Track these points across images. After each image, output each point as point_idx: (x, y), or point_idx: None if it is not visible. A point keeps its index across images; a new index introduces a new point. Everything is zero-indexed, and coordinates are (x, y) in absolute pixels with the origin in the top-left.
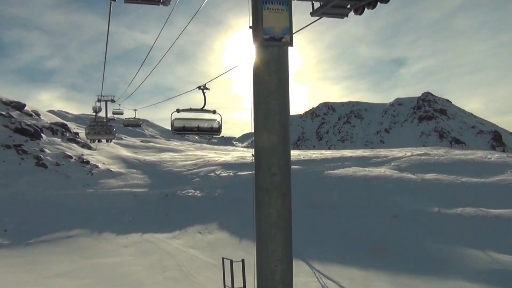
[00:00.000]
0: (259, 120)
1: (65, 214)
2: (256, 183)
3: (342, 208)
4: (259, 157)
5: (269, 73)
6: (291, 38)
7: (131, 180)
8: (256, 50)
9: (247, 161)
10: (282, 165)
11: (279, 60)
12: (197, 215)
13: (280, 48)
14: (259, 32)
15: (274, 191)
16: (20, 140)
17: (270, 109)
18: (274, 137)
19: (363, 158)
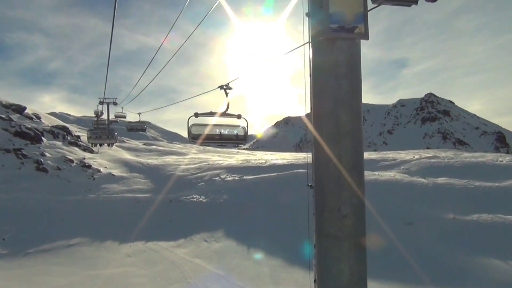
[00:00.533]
0: (322, 141)
1: (66, 221)
2: (317, 228)
3: None
4: (321, 192)
5: (337, 77)
6: (366, 28)
7: (134, 184)
8: (316, 45)
9: (253, 164)
10: (355, 203)
11: (351, 58)
12: (202, 222)
13: (352, 42)
14: (322, 20)
15: (345, 240)
16: (20, 144)
17: (340, 127)
18: (345, 165)
19: (370, 161)
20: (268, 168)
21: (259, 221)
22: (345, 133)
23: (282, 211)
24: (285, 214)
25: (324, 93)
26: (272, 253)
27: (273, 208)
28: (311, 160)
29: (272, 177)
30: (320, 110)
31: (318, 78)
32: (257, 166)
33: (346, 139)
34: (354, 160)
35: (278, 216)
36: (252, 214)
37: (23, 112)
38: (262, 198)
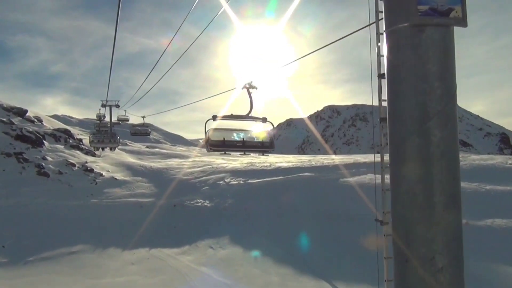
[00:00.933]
0: (404, 163)
1: (67, 227)
2: (399, 284)
3: (361, 220)
4: (404, 234)
5: (426, 77)
6: (464, 12)
7: (137, 189)
8: (394, 35)
9: (257, 167)
10: (454, 251)
11: (445, 52)
12: (207, 227)
13: (446, 30)
14: (409, 2)
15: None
16: (21, 147)
17: (432, 145)
18: (440, 197)
19: (377, 163)
20: (273, 171)
21: (266, 226)
22: (440, 153)
23: (289, 216)
24: (292, 220)
25: (407, 99)
26: (280, 260)
27: (280, 213)
28: (380, 186)
29: (277, 180)
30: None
31: (397, 80)
32: (261, 169)
33: (440, 162)
34: (452, 190)
35: (285, 221)
36: (258, 219)
37: (25, 115)
38: (268, 202)
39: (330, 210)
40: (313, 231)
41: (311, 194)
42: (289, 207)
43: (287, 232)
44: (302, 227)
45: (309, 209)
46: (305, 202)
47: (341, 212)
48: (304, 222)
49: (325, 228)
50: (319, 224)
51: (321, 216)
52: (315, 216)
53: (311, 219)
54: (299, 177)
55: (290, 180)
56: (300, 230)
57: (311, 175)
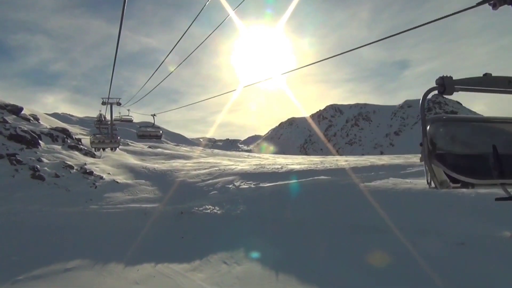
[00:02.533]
0: None
1: (63, 238)
2: None
3: (391, 231)
4: None
5: None
6: None
7: (140, 193)
8: None
9: (268, 170)
10: None
11: None
12: (219, 238)
13: None
14: None
15: None
16: (14, 148)
17: None
18: None
19: (396, 166)
20: (285, 174)
21: (284, 238)
22: None
23: (310, 227)
24: (314, 230)
25: None
26: (307, 279)
27: (299, 222)
28: None
29: (291, 185)
30: None
31: None
32: (273, 172)
33: None
34: None
35: (305, 232)
36: (275, 229)
37: (20, 113)
38: (284, 209)
39: (354, 220)
40: (339, 245)
41: (332, 201)
42: (308, 215)
43: (309, 245)
44: (325, 239)
45: (331, 218)
46: (326, 210)
47: (367, 222)
48: (327, 234)
49: (349, 240)
50: (341, 235)
51: (345, 225)
52: (339, 227)
53: (335, 231)
54: (314, 181)
55: (305, 184)
56: (325, 243)
57: (327, 178)
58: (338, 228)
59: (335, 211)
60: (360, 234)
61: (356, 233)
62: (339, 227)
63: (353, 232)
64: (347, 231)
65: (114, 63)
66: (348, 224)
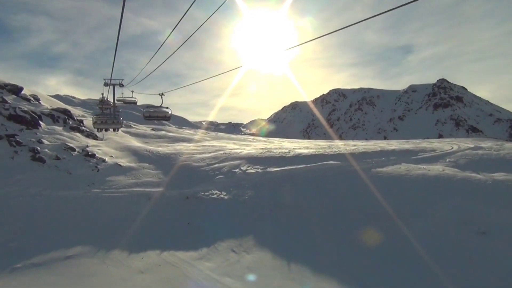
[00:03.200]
0: None
1: (64, 224)
2: None
3: (411, 219)
4: None
5: None
6: None
7: (144, 176)
8: None
9: (275, 154)
10: None
11: None
12: (227, 225)
13: None
14: None
15: None
16: (14, 129)
17: None
18: None
19: (408, 152)
20: (293, 159)
21: (295, 225)
22: None
23: (322, 213)
24: (327, 218)
25: None
26: (320, 271)
27: (310, 209)
28: None
29: (299, 170)
30: None
31: None
32: (280, 156)
33: None
34: None
35: (318, 219)
36: (285, 215)
37: (20, 93)
38: (293, 195)
39: (370, 207)
40: (355, 233)
41: (343, 186)
42: (319, 201)
43: (322, 233)
44: (339, 227)
45: (344, 205)
46: (338, 196)
47: (383, 209)
48: (340, 222)
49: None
50: (361, 225)
51: (361, 213)
52: (353, 214)
53: (349, 218)
54: (323, 166)
55: (314, 169)
56: (338, 231)
57: (337, 163)
58: (352, 215)
59: (348, 198)
60: (376, 221)
61: (372, 220)
62: (353, 215)
63: (369, 219)
64: (362, 219)
65: (117, 45)
66: (362, 211)
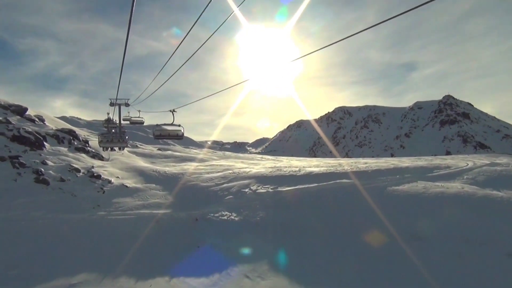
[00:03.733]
0: None
1: (68, 249)
2: None
3: (433, 240)
4: None
5: None
6: None
7: (151, 198)
8: None
9: (285, 173)
10: None
11: None
12: (238, 248)
13: None
14: None
15: None
16: (17, 150)
17: None
18: None
19: (422, 169)
20: (304, 178)
21: (310, 248)
22: None
23: (339, 235)
24: (344, 239)
25: None
26: None
27: (326, 230)
28: None
29: (312, 188)
30: None
31: None
32: (290, 175)
33: None
34: None
35: (334, 241)
36: (299, 237)
37: (24, 113)
38: (307, 215)
39: (390, 227)
40: (375, 256)
41: (360, 206)
42: (335, 222)
43: (340, 256)
44: (356, 248)
45: (362, 225)
46: (355, 216)
47: (404, 229)
48: (358, 243)
49: (392, 254)
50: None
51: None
52: (372, 234)
53: (368, 240)
54: (336, 184)
55: (327, 188)
56: (355, 252)
57: (350, 182)
58: (371, 237)
59: (365, 217)
60: (398, 242)
61: (393, 242)
62: (372, 236)
63: (391, 240)
64: (382, 239)
65: (122, 64)
66: (382, 231)
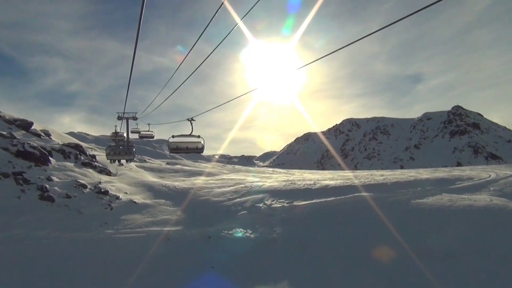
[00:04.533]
0: None
1: (73, 270)
2: None
3: (466, 258)
4: None
5: None
6: None
7: (160, 214)
8: None
9: (299, 186)
10: None
11: None
12: (256, 268)
13: None
14: None
15: None
16: (22, 166)
17: None
18: None
19: (443, 180)
20: (320, 191)
21: (332, 267)
22: None
23: (362, 252)
24: (368, 256)
25: None
26: None
27: (350, 247)
28: None
29: (330, 202)
30: None
31: None
32: (305, 188)
33: None
34: None
35: (360, 259)
36: (320, 255)
37: (30, 128)
38: (326, 231)
39: (420, 244)
40: (405, 274)
41: (383, 220)
42: (358, 238)
43: (365, 273)
44: (383, 265)
45: (388, 241)
46: (379, 231)
47: (435, 246)
48: (384, 259)
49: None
50: (412, 265)
51: (409, 252)
52: (400, 252)
53: (395, 257)
54: (355, 198)
55: (345, 202)
56: (383, 270)
57: (370, 195)
58: (399, 253)
59: (391, 233)
60: (429, 260)
61: (422, 259)
62: (400, 253)
63: (418, 258)
64: (411, 258)
65: (130, 78)
66: (410, 248)
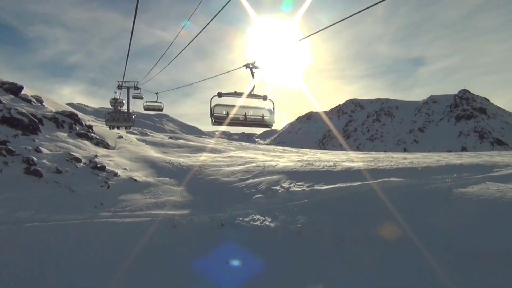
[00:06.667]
0: None
1: (62, 262)
2: None
3: None
4: None
5: None
6: None
7: (164, 195)
8: None
9: (318, 167)
10: None
11: None
12: (280, 264)
13: None
14: None
15: None
16: (6, 134)
17: None
18: None
19: (479, 166)
20: (343, 174)
21: (372, 266)
22: None
23: (409, 249)
24: (416, 254)
25: None
26: None
27: (393, 244)
28: None
29: (358, 188)
30: None
31: None
32: (326, 170)
33: None
34: None
35: (406, 257)
36: (355, 252)
37: (19, 93)
38: (361, 223)
39: (475, 243)
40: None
41: (425, 211)
42: (399, 231)
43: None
44: (437, 266)
45: (436, 237)
46: (422, 224)
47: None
48: (437, 259)
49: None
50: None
51: (463, 252)
52: (451, 252)
53: (445, 256)
54: (386, 183)
55: (376, 188)
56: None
57: (401, 180)
58: (450, 253)
59: (437, 226)
60: (488, 263)
61: (475, 259)
62: (451, 252)
63: (475, 259)
64: (467, 259)
65: (129, 47)
66: (465, 248)
